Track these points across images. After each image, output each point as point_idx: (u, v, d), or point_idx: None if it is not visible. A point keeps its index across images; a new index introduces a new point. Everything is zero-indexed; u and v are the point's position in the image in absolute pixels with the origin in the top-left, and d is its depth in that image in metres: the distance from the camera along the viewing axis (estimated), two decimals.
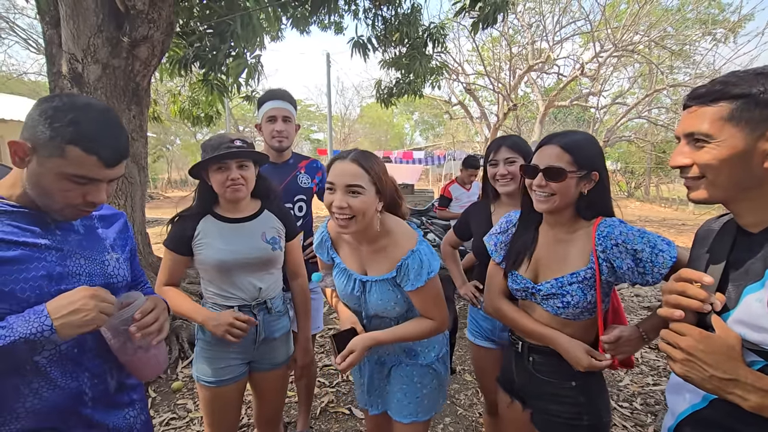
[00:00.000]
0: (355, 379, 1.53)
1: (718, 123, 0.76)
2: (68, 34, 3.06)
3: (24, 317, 0.79)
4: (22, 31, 11.02)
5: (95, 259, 0.97)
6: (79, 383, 0.91)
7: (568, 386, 1.18)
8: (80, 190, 0.86)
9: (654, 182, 19.27)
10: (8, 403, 0.83)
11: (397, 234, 1.27)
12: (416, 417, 1.38)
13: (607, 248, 1.10)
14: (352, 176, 1.17)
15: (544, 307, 1.20)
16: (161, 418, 2.47)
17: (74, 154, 0.82)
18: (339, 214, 1.18)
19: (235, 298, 1.48)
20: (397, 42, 5.36)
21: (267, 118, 1.97)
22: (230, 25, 3.58)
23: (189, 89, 5.92)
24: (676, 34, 11.57)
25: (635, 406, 2.60)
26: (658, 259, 1.06)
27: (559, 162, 1.13)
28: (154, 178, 22.02)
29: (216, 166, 1.42)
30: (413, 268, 1.21)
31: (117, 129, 0.88)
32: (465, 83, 12.96)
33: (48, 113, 0.82)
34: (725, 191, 0.79)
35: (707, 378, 0.70)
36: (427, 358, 1.40)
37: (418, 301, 1.27)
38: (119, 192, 3.38)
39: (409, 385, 1.39)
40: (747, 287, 0.74)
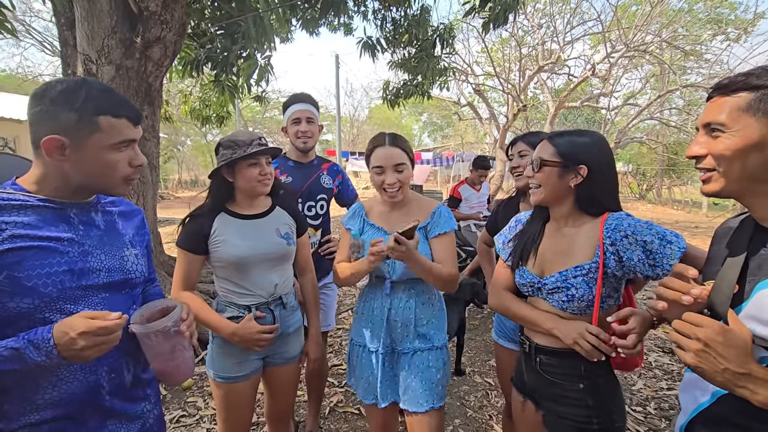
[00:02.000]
0: (362, 374, 1.54)
1: (736, 113, 0.76)
2: (83, 35, 3.11)
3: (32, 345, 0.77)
4: (38, 34, 11.24)
5: (115, 255, 0.97)
6: (97, 377, 0.91)
7: (576, 388, 1.16)
8: (125, 157, 0.91)
9: (666, 184, 18.99)
10: (27, 394, 0.84)
11: (420, 199, 1.58)
12: (433, 404, 1.43)
13: (617, 240, 1.10)
14: (397, 157, 1.45)
15: (550, 302, 1.21)
16: (171, 415, 2.48)
17: (107, 123, 0.86)
18: (390, 188, 1.45)
19: (252, 295, 1.48)
20: (405, 43, 5.36)
21: (292, 120, 2.08)
22: (241, 26, 3.61)
23: (200, 90, 5.99)
24: (688, 35, 11.40)
25: (649, 411, 2.56)
26: (666, 250, 1.06)
27: (541, 154, 1.20)
28: (165, 178, 22.29)
29: (249, 162, 1.45)
30: (444, 215, 1.50)
31: (118, 92, 0.93)
32: (474, 84, 12.91)
33: (61, 99, 0.83)
34: (738, 183, 0.79)
35: (720, 371, 0.69)
36: (440, 339, 1.51)
37: (441, 248, 1.46)
38: (131, 191, 3.41)
39: (425, 371, 1.45)
40: (759, 282, 0.74)
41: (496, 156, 10.76)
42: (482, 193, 4.71)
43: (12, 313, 0.81)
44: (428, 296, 1.52)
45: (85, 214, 0.95)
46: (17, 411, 0.83)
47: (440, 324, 1.54)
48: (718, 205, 15.77)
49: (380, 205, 1.59)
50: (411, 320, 1.47)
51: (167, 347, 0.95)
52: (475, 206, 4.66)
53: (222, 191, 1.51)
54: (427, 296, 1.52)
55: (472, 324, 3.95)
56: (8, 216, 0.83)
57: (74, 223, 0.92)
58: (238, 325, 1.41)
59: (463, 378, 3.00)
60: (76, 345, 0.77)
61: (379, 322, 1.49)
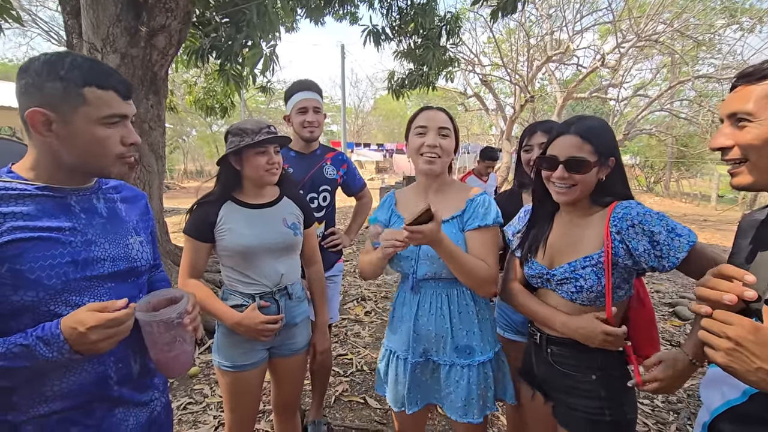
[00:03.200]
0: (391, 380, 1.41)
1: (763, 101, 0.74)
2: (88, 23, 3.09)
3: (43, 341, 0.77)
4: (44, 23, 11.24)
5: (119, 243, 0.95)
6: (105, 367, 0.90)
7: (589, 379, 1.15)
8: (117, 133, 0.86)
9: (675, 177, 18.77)
10: (36, 386, 0.83)
11: (459, 184, 1.42)
12: (472, 419, 1.29)
13: (623, 229, 1.07)
14: (443, 120, 1.33)
15: (559, 293, 1.19)
16: (178, 402, 2.51)
17: (94, 94, 0.82)
18: (430, 152, 1.30)
19: (257, 284, 1.48)
20: (411, 32, 5.29)
21: (297, 109, 1.99)
22: (246, 15, 3.57)
23: (205, 80, 5.97)
24: (700, 24, 11.16)
25: (656, 404, 2.54)
26: (674, 243, 1.02)
27: (580, 153, 1.11)
28: (170, 168, 22.39)
29: (256, 150, 1.43)
30: (483, 204, 1.30)
31: (106, 64, 0.88)
32: (481, 75, 12.77)
33: (45, 70, 0.79)
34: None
35: (753, 370, 0.66)
36: (485, 352, 1.31)
37: (477, 243, 1.27)
38: (137, 180, 3.43)
39: (464, 389, 1.29)
40: None
41: (502, 147, 10.67)
42: (489, 185, 4.67)
43: (16, 307, 0.79)
44: (465, 303, 1.32)
45: (87, 202, 0.92)
46: (26, 403, 0.82)
47: (485, 334, 1.33)
48: (723, 198, 15.56)
49: (411, 190, 1.46)
50: (447, 330, 1.29)
51: (167, 338, 0.93)
52: None
53: (229, 179, 1.50)
54: (464, 303, 1.32)
55: None
56: (6, 206, 0.80)
57: (75, 211, 0.89)
58: (243, 314, 1.40)
59: None
60: (87, 339, 0.76)
61: (406, 328, 1.34)
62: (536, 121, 1.83)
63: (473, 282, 1.25)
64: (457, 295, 1.32)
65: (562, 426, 1.20)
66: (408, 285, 1.36)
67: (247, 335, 1.42)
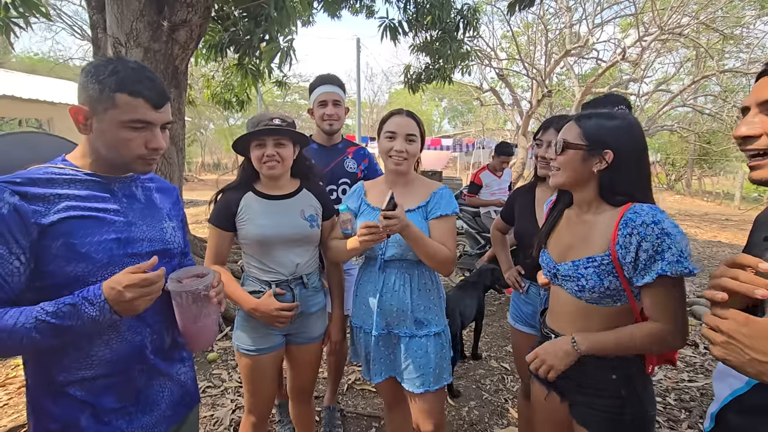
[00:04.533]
0: (361, 353, 1.59)
1: None
2: (112, 18, 3.18)
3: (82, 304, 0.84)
4: (68, 18, 11.53)
5: (155, 226, 1.04)
6: (142, 337, 0.98)
7: (609, 378, 1.12)
8: (141, 137, 0.93)
9: (697, 175, 18.25)
10: (83, 350, 0.92)
11: (422, 179, 1.58)
12: (429, 387, 1.45)
13: (623, 235, 1.04)
14: (411, 127, 1.47)
15: (566, 289, 1.17)
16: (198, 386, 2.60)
17: (123, 100, 0.89)
18: (397, 156, 1.46)
19: (273, 272, 1.53)
20: (428, 26, 5.26)
21: (318, 102, 2.06)
22: (264, 10, 3.62)
23: (222, 74, 6.05)
24: (728, 16, 10.76)
25: (669, 402, 2.53)
26: (653, 266, 0.99)
27: (566, 135, 1.14)
28: (189, 161, 22.75)
29: (255, 142, 1.48)
30: (445, 197, 1.50)
31: (153, 74, 0.94)
32: (498, 69, 12.60)
33: (92, 71, 0.89)
34: None
35: (747, 362, 0.67)
36: (439, 325, 1.50)
37: (440, 230, 1.45)
38: (158, 172, 3.53)
39: (423, 357, 1.46)
40: None
41: (518, 143, 10.54)
42: (504, 180, 4.65)
43: (69, 277, 0.88)
44: (424, 281, 1.50)
45: (127, 188, 1.01)
46: (75, 366, 0.91)
47: (439, 309, 1.53)
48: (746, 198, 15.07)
49: (381, 183, 1.60)
50: (408, 306, 1.46)
51: (194, 310, 1.01)
52: (496, 193, 4.61)
53: (248, 170, 1.57)
54: (423, 282, 1.50)
55: (490, 310, 3.96)
56: (62, 189, 0.90)
57: (118, 196, 0.98)
58: (259, 300, 1.46)
59: (480, 362, 3.03)
60: (124, 297, 0.83)
61: (372, 303, 1.49)
62: (553, 116, 1.81)
63: (435, 263, 1.43)
64: (418, 274, 1.49)
65: (582, 425, 1.18)
66: (375, 265, 1.50)
67: (264, 320, 1.48)
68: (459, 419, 2.37)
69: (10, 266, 0.82)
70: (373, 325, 1.48)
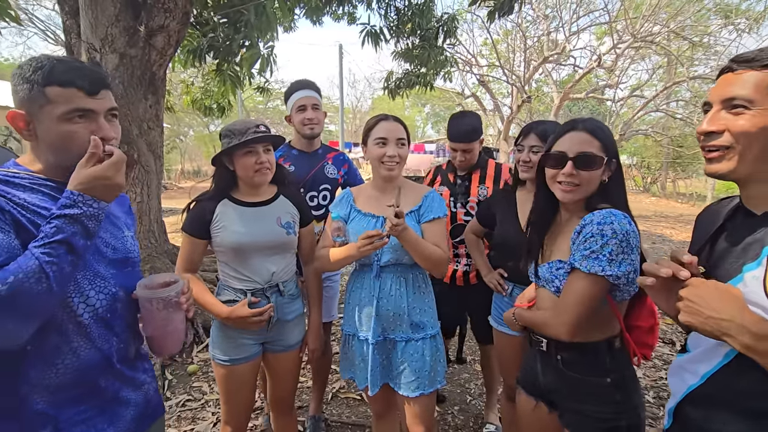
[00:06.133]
0: (355, 361, 1.56)
1: (765, 90, 0.73)
2: (87, 23, 3.11)
3: None
4: (40, 23, 11.21)
5: (116, 235, 1.01)
6: (110, 345, 0.95)
7: (603, 383, 1.11)
8: (85, 129, 0.88)
9: (671, 177, 18.86)
10: (50, 359, 0.88)
11: (410, 183, 1.61)
12: (424, 390, 1.46)
13: (575, 236, 1.07)
14: (400, 132, 1.49)
15: (548, 288, 1.19)
16: (177, 399, 2.53)
17: (55, 93, 0.85)
18: (390, 161, 1.47)
19: (249, 280, 1.51)
20: (409, 32, 5.32)
21: (297, 107, 2.03)
22: (244, 15, 3.59)
23: (202, 80, 5.98)
24: (696, 25, 11.23)
25: (648, 399, 2.59)
26: (573, 256, 1.05)
27: (590, 148, 1.09)
28: (168, 168, 22.35)
29: (244, 151, 1.45)
30: (436, 200, 1.52)
31: (84, 63, 0.91)
32: (478, 75, 12.81)
33: (18, 73, 0.86)
34: (752, 165, 0.76)
35: (705, 320, 0.71)
36: (434, 327, 1.52)
37: (433, 232, 1.47)
38: (136, 180, 3.45)
39: (419, 360, 1.46)
40: (746, 265, 0.75)
41: (499, 148, 10.71)
42: None
43: None
44: (419, 284, 1.51)
45: None
46: (40, 376, 0.87)
47: (433, 311, 1.54)
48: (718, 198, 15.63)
49: (370, 189, 1.59)
50: (404, 309, 1.46)
51: (165, 316, 1.01)
52: None
53: (224, 179, 1.54)
54: (418, 284, 1.51)
55: None
56: (15, 191, 0.86)
57: None
58: (231, 309, 1.45)
59: (464, 366, 3.04)
60: (103, 175, 0.84)
61: (367, 311, 1.48)
62: (533, 121, 1.84)
63: (431, 264, 1.44)
64: (413, 277, 1.50)
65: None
66: (371, 272, 1.49)
67: (238, 326, 1.46)
68: (444, 424, 2.37)
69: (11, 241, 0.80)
70: (370, 332, 1.46)
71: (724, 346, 0.78)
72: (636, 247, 1.04)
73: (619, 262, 1.01)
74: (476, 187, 2.11)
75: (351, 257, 1.44)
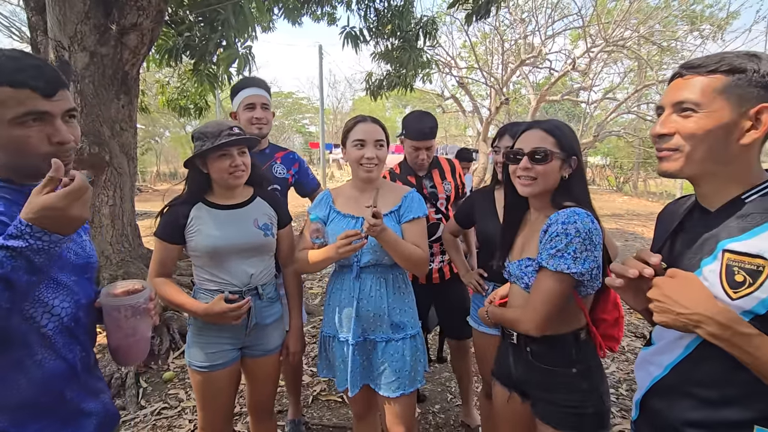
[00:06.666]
0: (335, 362, 1.55)
1: (711, 94, 0.77)
2: (54, 20, 3.00)
3: None
4: (4, 19, 10.74)
5: (76, 240, 0.97)
6: (74, 355, 0.92)
7: (570, 373, 1.17)
8: (40, 133, 0.82)
9: (642, 177, 19.52)
10: (11, 377, 0.83)
11: (390, 184, 1.62)
12: (405, 390, 1.47)
13: (542, 234, 1.12)
14: (378, 133, 1.49)
15: (518, 284, 1.23)
16: (152, 407, 2.47)
17: (6, 94, 0.78)
18: (368, 163, 1.47)
19: (226, 283, 1.49)
20: (389, 34, 5.34)
21: (245, 105, 1.96)
22: (221, 14, 3.53)
23: (178, 80, 5.85)
24: (664, 30, 11.68)
25: (621, 392, 2.67)
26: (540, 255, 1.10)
27: (545, 144, 1.16)
28: (143, 171, 21.73)
29: (218, 154, 1.42)
30: (416, 200, 1.53)
31: (39, 60, 0.84)
32: (458, 77, 12.96)
33: None
34: (700, 165, 0.81)
35: (676, 317, 0.74)
36: (414, 327, 1.53)
37: (413, 232, 1.48)
38: (108, 182, 3.34)
39: (399, 361, 1.47)
40: (703, 260, 0.80)
41: (479, 148, 10.86)
42: (465, 185, 4.77)
43: None
44: (399, 285, 1.52)
45: None
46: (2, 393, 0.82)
47: (413, 311, 1.55)
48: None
49: (349, 190, 1.59)
50: (384, 310, 1.47)
51: (132, 323, 0.99)
52: None
53: (198, 182, 1.51)
54: (398, 285, 1.52)
55: None
56: None
57: None
58: (208, 305, 1.41)
59: (444, 365, 3.07)
60: (54, 206, 0.73)
61: (347, 311, 1.48)
62: (508, 123, 1.89)
63: (411, 264, 1.45)
64: (393, 278, 1.51)
65: (545, 423, 1.21)
66: (351, 273, 1.49)
67: (215, 321, 1.43)
68: (425, 423, 2.39)
69: None
70: (350, 333, 1.46)
71: (685, 338, 0.83)
72: (598, 244, 1.09)
73: (583, 259, 1.07)
74: (440, 183, 2.13)
75: (330, 259, 1.44)
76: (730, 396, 0.77)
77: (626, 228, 9.53)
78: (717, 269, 0.76)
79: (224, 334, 1.49)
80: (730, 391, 0.77)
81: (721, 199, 0.82)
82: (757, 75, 0.75)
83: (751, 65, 0.75)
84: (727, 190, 0.81)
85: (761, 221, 0.75)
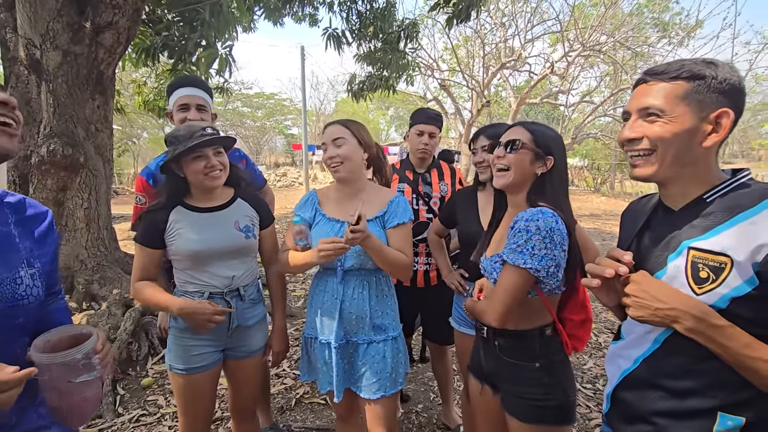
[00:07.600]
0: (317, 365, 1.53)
1: (674, 100, 0.81)
2: (24, 17, 2.91)
3: None
4: None
5: (5, 279, 0.80)
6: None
7: (532, 367, 1.21)
8: None
9: (619, 178, 20.08)
10: None
11: (376, 187, 1.60)
12: (385, 392, 1.47)
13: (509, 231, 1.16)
14: (336, 132, 1.48)
15: (489, 279, 1.27)
16: (131, 415, 2.41)
17: None
18: (331, 163, 1.47)
19: (207, 285, 1.47)
20: (371, 36, 5.37)
21: (178, 106, 1.80)
22: (200, 13, 3.48)
23: (155, 80, 5.73)
24: (638, 36, 12.09)
25: (598, 387, 2.74)
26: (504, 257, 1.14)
27: (520, 136, 1.21)
28: (120, 173, 21.16)
29: (193, 156, 1.40)
30: (401, 205, 1.52)
31: None
32: (440, 79, 13.10)
33: None
34: (671, 167, 0.84)
35: (654, 312, 0.78)
36: (396, 330, 1.53)
37: (398, 238, 1.48)
38: (83, 185, 3.25)
39: (380, 362, 1.47)
40: (669, 256, 0.83)
41: (461, 150, 10.99)
42: None
43: None
44: (382, 288, 1.53)
45: None
46: None
47: (395, 314, 1.56)
48: None
49: (334, 192, 1.58)
50: (366, 312, 1.47)
51: (68, 385, 0.81)
52: None
53: (175, 186, 1.48)
54: (381, 288, 1.52)
55: None
56: None
57: None
58: (189, 302, 1.39)
59: (428, 365, 3.09)
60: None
61: (330, 314, 1.48)
62: (483, 126, 1.93)
63: (396, 270, 1.47)
64: (376, 281, 1.51)
65: (511, 414, 1.25)
66: (335, 275, 1.49)
67: (191, 322, 1.40)
68: (408, 423, 2.41)
69: None
70: (333, 335, 1.46)
71: (654, 332, 0.86)
72: (560, 244, 1.12)
73: (541, 256, 1.10)
74: (437, 183, 2.15)
75: (311, 263, 1.43)
76: (697, 386, 0.81)
77: (603, 228, 9.78)
78: (682, 265, 0.80)
79: (206, 336, 1.47)
80: (697, 381, 0.81)
81: (685, 198, 0.86)
82: (715, 81, 0.79)
83: (710, 72, 0.79)
84: (690, 191, 0.85)
85: (723, 219, 0.78)
